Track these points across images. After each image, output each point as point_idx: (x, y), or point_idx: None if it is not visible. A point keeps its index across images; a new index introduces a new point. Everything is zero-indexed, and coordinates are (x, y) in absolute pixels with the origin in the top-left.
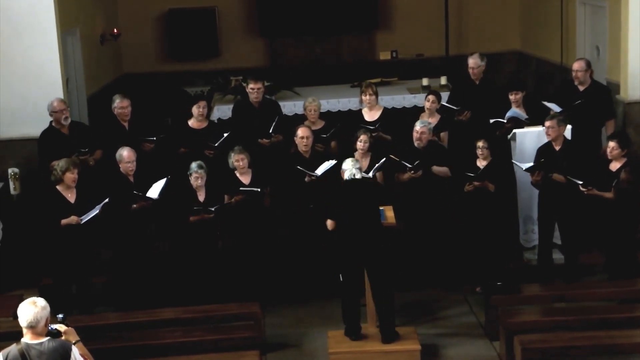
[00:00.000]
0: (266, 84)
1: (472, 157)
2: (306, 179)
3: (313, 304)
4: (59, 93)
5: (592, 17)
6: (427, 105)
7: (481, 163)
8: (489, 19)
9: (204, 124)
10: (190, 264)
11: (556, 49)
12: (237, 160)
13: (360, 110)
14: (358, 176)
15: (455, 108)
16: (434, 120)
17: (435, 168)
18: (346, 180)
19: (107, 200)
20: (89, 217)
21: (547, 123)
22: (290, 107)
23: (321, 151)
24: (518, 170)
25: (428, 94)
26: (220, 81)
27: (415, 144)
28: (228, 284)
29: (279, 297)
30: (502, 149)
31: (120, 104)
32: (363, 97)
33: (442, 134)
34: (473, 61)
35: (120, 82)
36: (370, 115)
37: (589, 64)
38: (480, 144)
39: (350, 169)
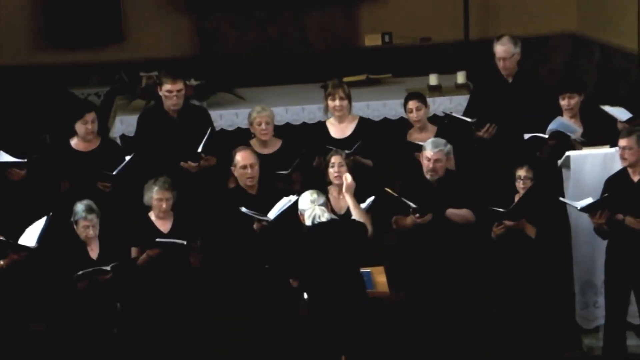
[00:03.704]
0: (193, 83)
1: (504, 190)
2: (255, 226)
3: None
4: None
5: None
6: (412, 117)
7: None
8: None
9: (94, 145)
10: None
11: (630, 31)
12: (160, 198)
13: (324, 123)
14: (324, 218)
15: (469, 120)
16: (428, 135)
17: (451, 211)
18: (308, 227)
19: None
20: None
21: (623, 142)
22: (229, 117)
23: (282, 189)
24: (573, 211)
25: (406, 100)
26: (124, 79)
27: (428, 175)
28: None
29: None
30: (547, 179)
31: None
32: (330, 103)
33: None
34: (503, 48)
35: None
36: (340, 129)
37: None
38: (521, 172)
39: (310, 207)
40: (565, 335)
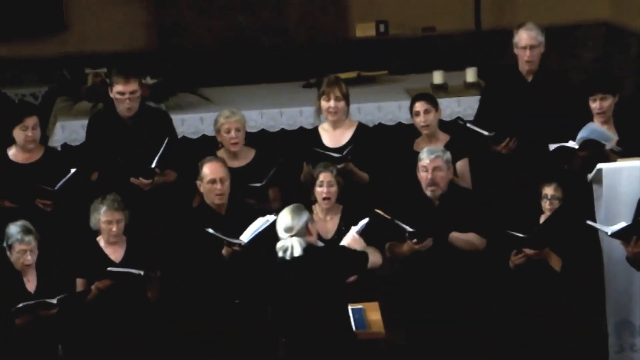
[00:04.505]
0: (149, 82)
1: (526, 210)
2: (224, 251)
3: None
4: None
5: None
6: (419, 121)
7: None
8: None
9: (37, 156)
10: None
11: None
12: (109, 220)
13: (316, 129)
14: (297, 252)
15: (486, 134)
16: (438, 144)
17: (456, 235)
18: (279, 261)
19: None
20: None
21: None
22: (193, 122)
23: (255, 208)
24: (605, 236)
25: (413, 101)
26: (66, 77)
27: (427, 191)
28: None
29: None
30: (575, 198)
31: None
32: (323, 104)
33: (458, 164)
34: (529, 34)
35: None
36: (334, 136)
37: None
38: (549, 190)
39: (284, 237)
40: None
